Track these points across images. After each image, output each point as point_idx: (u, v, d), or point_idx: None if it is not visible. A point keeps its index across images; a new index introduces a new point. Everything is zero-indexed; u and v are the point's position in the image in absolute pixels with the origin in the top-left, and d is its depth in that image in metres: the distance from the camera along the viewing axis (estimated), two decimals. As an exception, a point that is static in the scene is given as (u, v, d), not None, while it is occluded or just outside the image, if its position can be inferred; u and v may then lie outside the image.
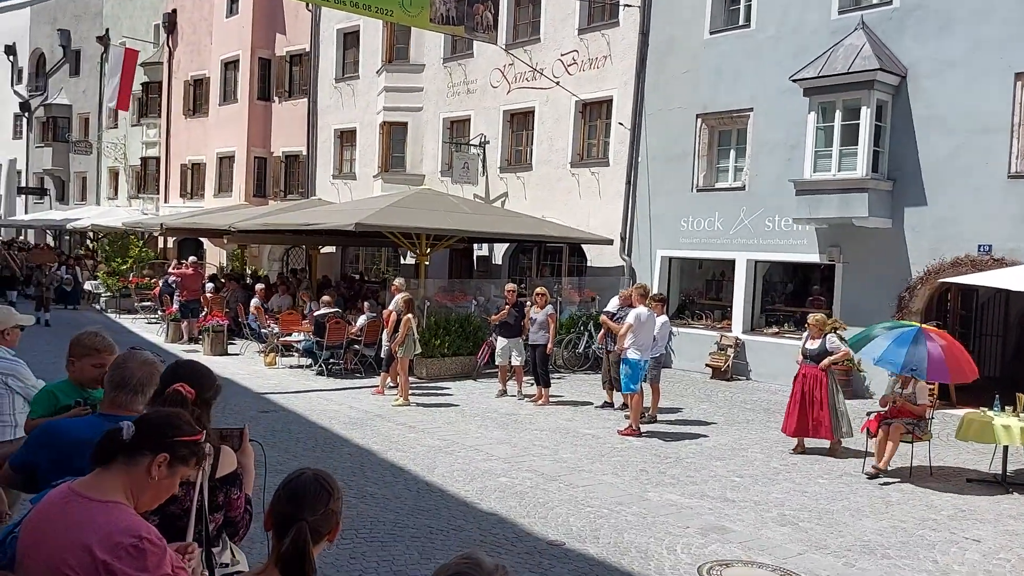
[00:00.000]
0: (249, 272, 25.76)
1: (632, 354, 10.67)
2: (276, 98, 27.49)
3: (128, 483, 2.30)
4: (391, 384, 12.85)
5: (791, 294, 16.55)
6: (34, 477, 3.08)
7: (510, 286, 13.75)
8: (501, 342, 13.26)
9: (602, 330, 12.58)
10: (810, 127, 14.35)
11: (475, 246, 21.02)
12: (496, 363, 13.58)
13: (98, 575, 2.14)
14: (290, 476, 2.34)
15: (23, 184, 41.43)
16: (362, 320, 14.91)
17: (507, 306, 13.27)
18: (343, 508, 2.39)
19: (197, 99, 30.75)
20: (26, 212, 40.69)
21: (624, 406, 11.46)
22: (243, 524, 3.04)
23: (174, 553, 2.31)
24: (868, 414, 9.69)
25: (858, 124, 13.73)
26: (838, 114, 13.99)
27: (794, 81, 14.37)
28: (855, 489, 8.59)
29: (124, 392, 3.10)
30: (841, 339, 12.87)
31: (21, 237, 39.61)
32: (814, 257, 15.05)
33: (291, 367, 15.48)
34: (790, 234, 15.19)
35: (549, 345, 12.66)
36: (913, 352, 8.67)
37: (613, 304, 12.34)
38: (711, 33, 16.49)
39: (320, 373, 14.63)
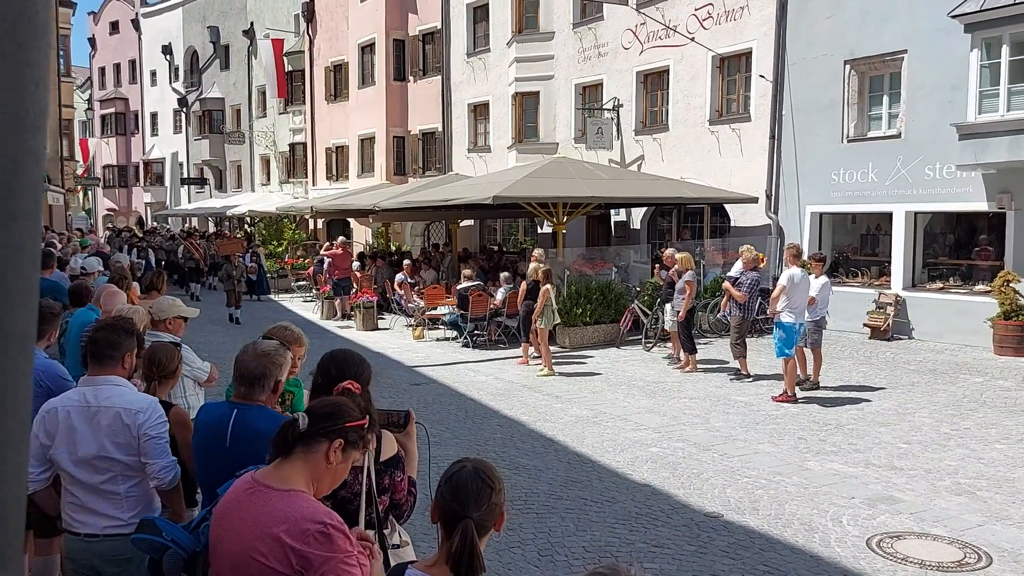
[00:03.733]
0: (393, 248, 26.56)
1: (786, 318, 10.25)
2: (411, 77, 28.03)
3: (308, 471, 2.42)
4: (534, 354, 12.96)
5: (954, 246, 15.47)
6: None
7: (667, 251, 13.62)
8: (666, 307, 13.25)
9: (725, 296, 12.10)
10: (973, 66, 13.27)
11: (612, 212, 20.78)
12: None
13: (288, 561, 2.26)
14: (451, 469, 2.36)
15: (185, 175, 44.30)
16: (500, 293, 15.08)
17: (658, 269, 13.39)
18: (505, 497, 2.39)
19: (338, 84, 31.78)
20: (189, 201, 43.56)
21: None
22: (407, 506, 3.13)
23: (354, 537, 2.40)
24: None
25: (1029, 58, 12.60)
26: (1005, 49, 12.88)
27: (953, 17, 13.30)
28: (1039, 455, 7.97)
29: (242, 384, 3.32)
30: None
31: (186, 224, 42.42)
32: (981, 205, 13.95)
33: (438, 340, 15.88)
34: (953, 182, 14.15)
35: (681, 313, 12.34)
36: None
37: (736, 268, 11.88)
38: (857, -28, 15.48)
39: (465, 345, 14.93)
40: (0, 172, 0.71)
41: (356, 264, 19.92)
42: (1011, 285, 12.73)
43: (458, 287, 15.45)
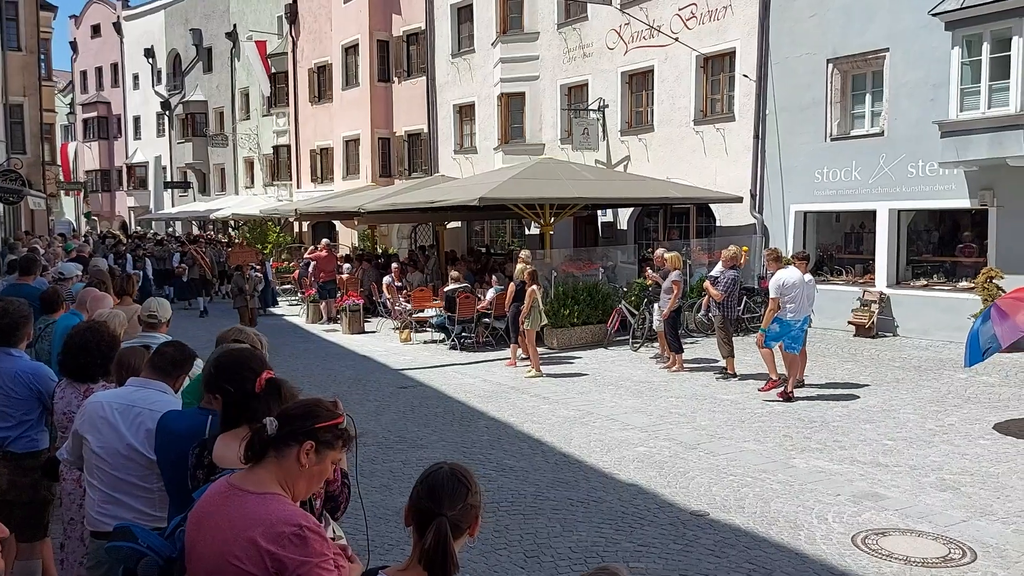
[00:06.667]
0: (380, 251, 26.47)
1: (788, 315, 10.27)
2: (396, 78, 27.96)
3: (281, 474, 2.39)
4: (522, 355, 12.95)
5: (938, 243, 15.56)
6: None
7: (659, 251, 13.70)
8: (654, 307, 13.33)
9: (705, 296, 12.15)
10: (954, 63, 13.35)
11: (599, 212, 20.80)
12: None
13: (264, 564, 2.23)
14: (428, 471, 2.34)
15: (168, 179, 44.03)
16: (491, 294, 15.07)
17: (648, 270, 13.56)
18: (482, 501, 2.36)
19: (321, 86, 31.68)
20: (173, 205, 43.30)
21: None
22: (343, 498, 3.04)
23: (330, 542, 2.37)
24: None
25: (1009, 56, 12.66)
26: (986, 47, 12.95)
27: (934, 15, 13.38)
28: (1021, 450, 8.01)
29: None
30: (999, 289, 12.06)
31: (170, 228, 42.14)
32: (964, 202, 14.04)
33: (425, 342, 15.83)
34: (936, 179, 14.23)
35: (665, 311, 12.38)
36: (984, 332, 8.41)
37: (717, 267, 11.95)
38: (839, -29, 15.55)
39: (453, 347, 14.89)
40: None
41: (347, 267, 19.76)
42: (994, 281, 12.80)
43: (445, 289, 15.41)
